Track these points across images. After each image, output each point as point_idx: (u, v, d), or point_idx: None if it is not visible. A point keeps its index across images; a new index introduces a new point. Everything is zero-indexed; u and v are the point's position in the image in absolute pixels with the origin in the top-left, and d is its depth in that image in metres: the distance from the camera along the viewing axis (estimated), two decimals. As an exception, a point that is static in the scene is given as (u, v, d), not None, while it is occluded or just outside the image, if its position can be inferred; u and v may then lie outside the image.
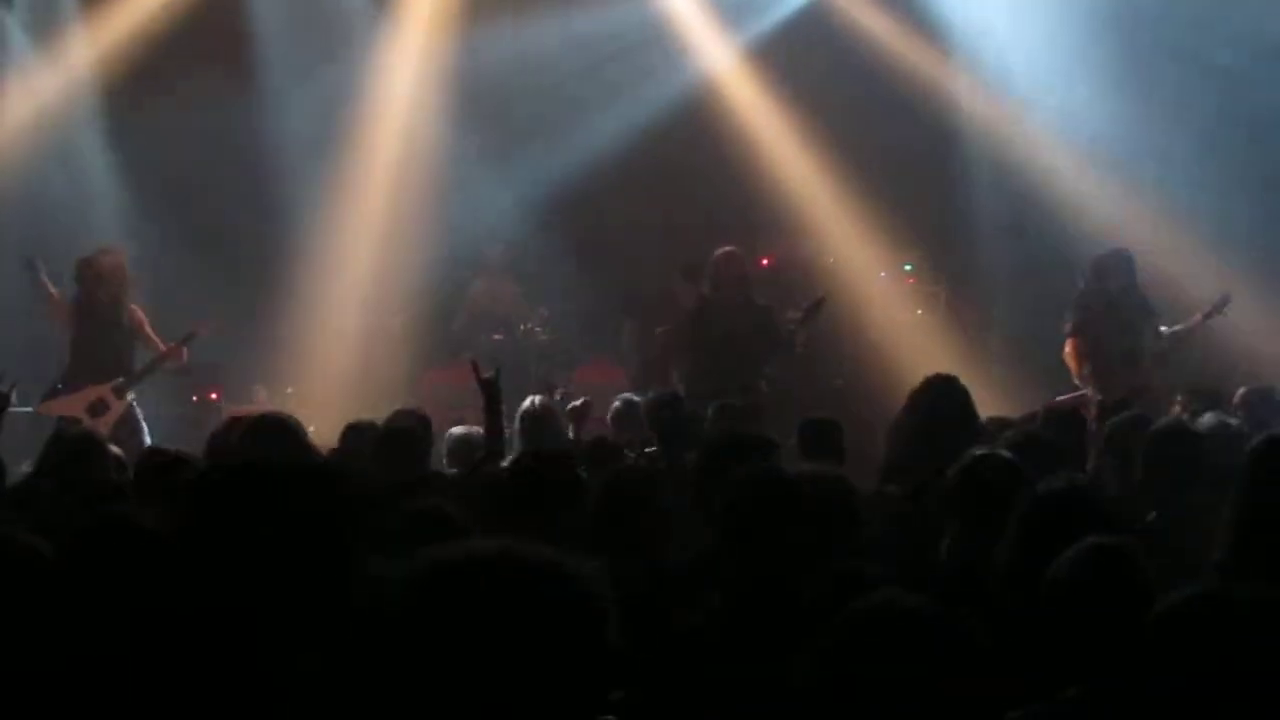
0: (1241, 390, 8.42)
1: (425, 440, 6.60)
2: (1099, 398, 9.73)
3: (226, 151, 11.63)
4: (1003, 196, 11.83)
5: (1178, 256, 10.90)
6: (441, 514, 3.75)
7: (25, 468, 6.40)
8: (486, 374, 6.04)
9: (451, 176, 11.96)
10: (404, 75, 12.28)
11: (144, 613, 2.58)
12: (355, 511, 2.50)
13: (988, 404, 8.62)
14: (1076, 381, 10.07)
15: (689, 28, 12.33)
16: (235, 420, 6.31)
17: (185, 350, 9.87)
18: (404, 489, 5.12)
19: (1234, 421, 6.93)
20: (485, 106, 11.99)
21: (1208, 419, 6.77)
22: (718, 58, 12.39)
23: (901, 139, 11.75)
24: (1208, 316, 9.77)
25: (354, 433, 6.71)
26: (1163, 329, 9.87)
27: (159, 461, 5.39)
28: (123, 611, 2.74)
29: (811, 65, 12.11)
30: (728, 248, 9.73)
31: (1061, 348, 10.07)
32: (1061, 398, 9.53)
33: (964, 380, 6.07)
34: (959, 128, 12.04)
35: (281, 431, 4.96)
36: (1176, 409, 8.49)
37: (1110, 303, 9.99)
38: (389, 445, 6.16)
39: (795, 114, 12.21)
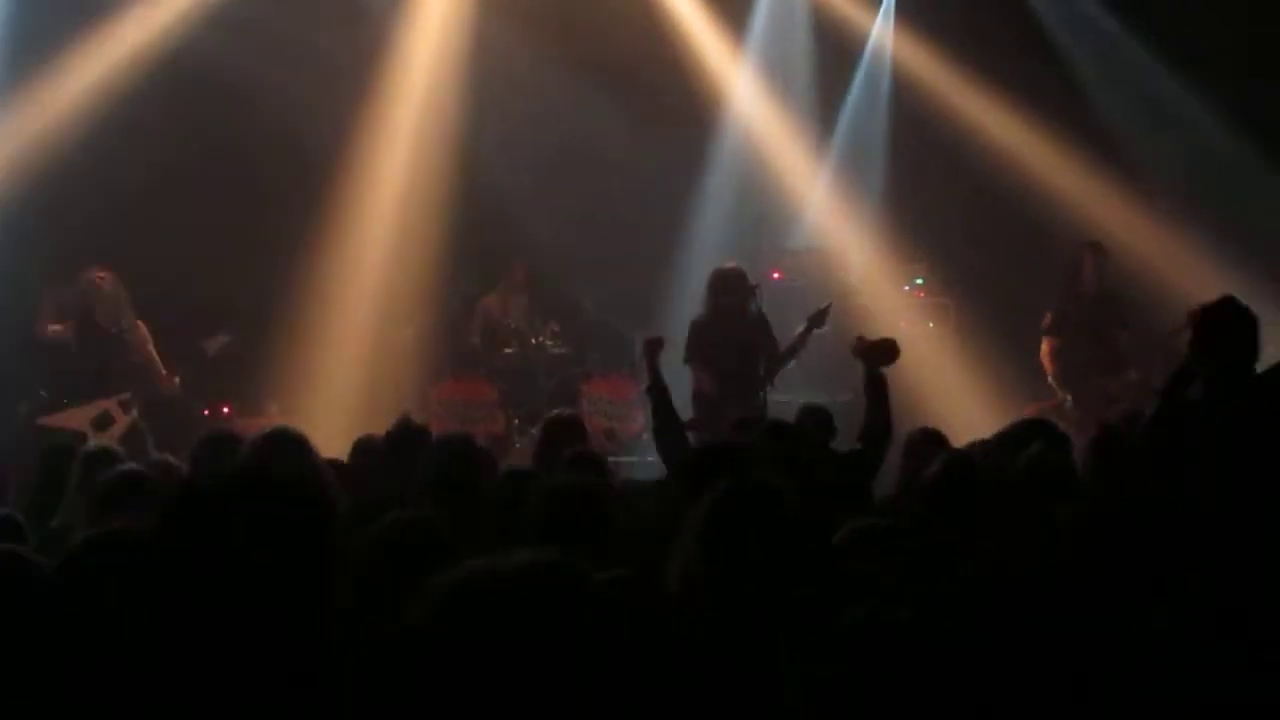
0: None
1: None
2: (1070, 402, 9.71)
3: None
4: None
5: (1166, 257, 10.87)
6: (429, 527, 3.70)
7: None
8: None
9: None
10: (419, 70, 12.27)
11: (142, 622, 2.57)
12: (334, 525, 2.49)
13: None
14: (1050, 383, 10.00)
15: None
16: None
17: (176, 380, 10.06)
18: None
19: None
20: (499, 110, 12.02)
21: None
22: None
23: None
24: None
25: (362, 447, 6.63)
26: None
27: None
28: (123, 622, 2.73)
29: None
30: (728, 263, 9.73)
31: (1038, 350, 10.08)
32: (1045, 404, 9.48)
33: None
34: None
35: (287, 445, 4.94)
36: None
37: (1085, 304, 9.94)
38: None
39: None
